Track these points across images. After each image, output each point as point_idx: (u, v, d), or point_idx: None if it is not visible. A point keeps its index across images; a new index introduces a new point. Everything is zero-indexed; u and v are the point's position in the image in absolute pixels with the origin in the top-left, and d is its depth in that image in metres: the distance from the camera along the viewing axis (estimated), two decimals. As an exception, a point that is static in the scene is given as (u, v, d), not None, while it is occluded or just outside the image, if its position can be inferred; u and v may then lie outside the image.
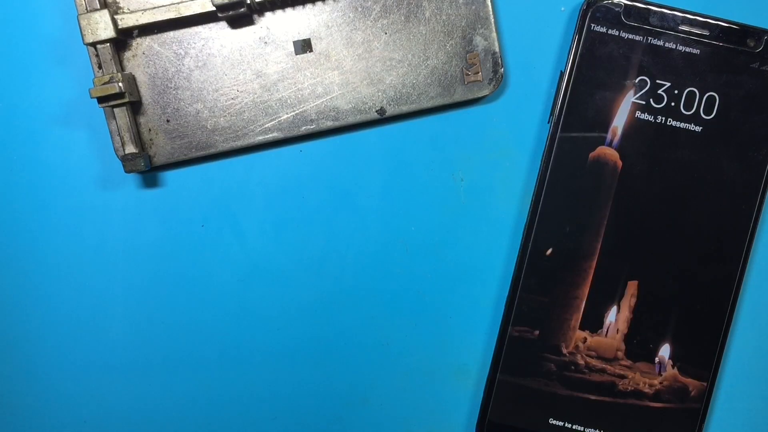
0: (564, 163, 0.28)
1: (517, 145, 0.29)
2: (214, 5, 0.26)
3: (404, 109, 0.28)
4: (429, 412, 0.30)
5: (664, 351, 0.28)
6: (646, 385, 0.28)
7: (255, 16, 0.28)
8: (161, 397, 0.30)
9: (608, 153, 0.27)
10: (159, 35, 0.28)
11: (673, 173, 0.28)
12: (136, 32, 0.27)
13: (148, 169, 0.28)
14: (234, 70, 0.28)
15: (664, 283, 0.28)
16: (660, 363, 0.28)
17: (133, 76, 0.28)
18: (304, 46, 0.28)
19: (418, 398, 0.30)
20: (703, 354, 0.28)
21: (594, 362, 0.28)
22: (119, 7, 0.27)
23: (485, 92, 0.28)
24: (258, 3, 0.27)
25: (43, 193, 0.29)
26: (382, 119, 0.28)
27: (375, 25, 0.28)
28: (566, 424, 0.28)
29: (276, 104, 0.28)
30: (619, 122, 0.27)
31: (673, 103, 0.27)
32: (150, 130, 0.28)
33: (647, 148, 0.27)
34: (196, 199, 0.29)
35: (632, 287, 0.28)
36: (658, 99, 0.27)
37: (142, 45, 0.28)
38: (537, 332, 0.28)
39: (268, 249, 0.29)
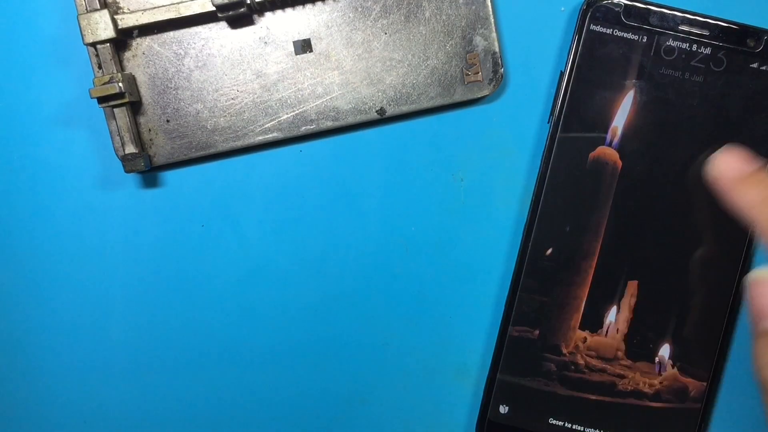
0: (564, 163, 0.28)
1: (517, 145, 0.29)
2: (214, 5, 0.26)
3: (404, 109, 0.28)
4: (429, 412, 0.30)
5: (664, 351, 0.28)
6: (646, 385, 0.28)
7: (255, 16, 0.28)
8: (161, 397, 0.30)
9: (608, 153, 0.27)
10: (159, 35, 0.28)
11: (673, 173, 0.28)
12: (136, 32, 0.27)
13: (148, 169, 0.28)
14: (234, 70, 0.28)
15: (664, 283, 0.28)
16: (660, 363, 0.28)
17: (133, 76, 0.28)
18: (304, 46, 0.28)
19: (418, 398, 0.30)
20: (703, 354, 0.28)
21: (594, 362, 0.28)
22: (119, 7, 0.27)
23: (485, 92, 0.28)
24: (258, 3, 0.27)
25: (43, 193, 0.29)
26: (382, 119, 0.28)
27: (375, 25, 0.28)
28: (566, 424, 0.28)
29: (276, 104, 0.28)
30: (619, 122, 0.27)
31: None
32: (150, 130, 0.28)
33: (647, 148, 0.27)
34: (196, 199, 0.29)
35: (632, 287, 0.28)
36: (658, 99, 0.27)
37: (142, 45, 0.28)
38: (537, 332, 0.28)
39: (268, 249, 0.29)
